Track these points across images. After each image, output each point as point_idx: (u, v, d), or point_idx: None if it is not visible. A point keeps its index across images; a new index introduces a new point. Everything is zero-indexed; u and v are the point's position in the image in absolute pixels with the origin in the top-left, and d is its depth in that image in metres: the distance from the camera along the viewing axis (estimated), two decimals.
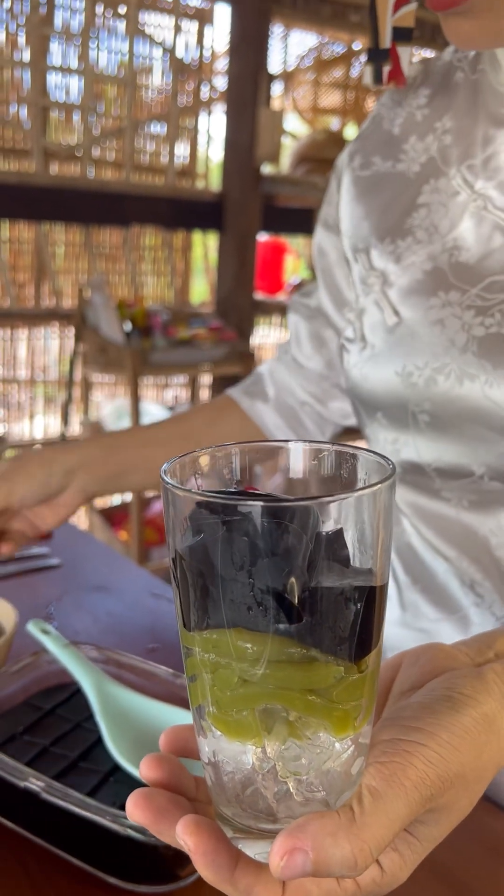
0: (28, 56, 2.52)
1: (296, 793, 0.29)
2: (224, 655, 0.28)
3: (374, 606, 0.29)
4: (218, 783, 0.30)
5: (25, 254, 2.75)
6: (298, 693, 0.28)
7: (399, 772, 0.30)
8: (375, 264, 0.64)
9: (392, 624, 0.70)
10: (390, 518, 0.29)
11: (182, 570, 0.28)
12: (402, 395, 0.60)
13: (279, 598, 0.26)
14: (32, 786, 0.49)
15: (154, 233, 2.97)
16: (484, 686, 0.33)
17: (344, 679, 0.28)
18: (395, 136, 0.66)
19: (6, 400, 2.90)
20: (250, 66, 2.79)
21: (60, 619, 0.83)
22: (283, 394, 0.83)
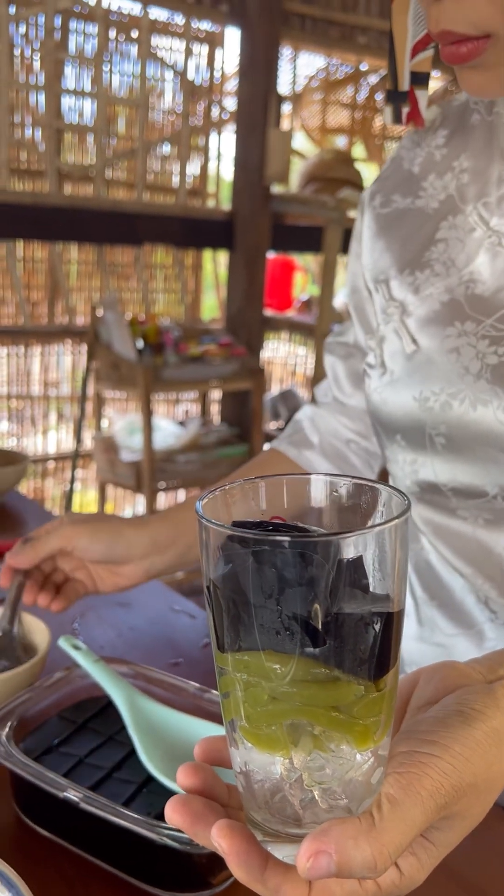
0: (43, 79, 2.58)
1: (320, 800, 0.32)
2: (255, 675, 0.31)
3: (391, 630, 0.31)
4: (249, 790, 0.33)
5: (39, 272, 2.79)
6: (323, 709, 0.31)
7: (415, 781, 0.32)
8: (395, 295, 0.67)
9: (410, 639, 0.72)
10: (405, 549, 0.32)
11: (216, 597, 0.31)
12: (420, 418, 0.64)
13: (304, 624, 0.29)
14: (71, 796, 0.51)
15: (165, 251, 3.01)
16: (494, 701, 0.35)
17: (364, 697, 0.31)
18: (414, 175, 0.70)
19: (20, 415, 2.93)
20: (260, 87, 2.84)
21: (85, 635, 0.85)
22: (327, 437, 0.85)
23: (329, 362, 0.85)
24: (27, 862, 0.53)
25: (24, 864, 0.48)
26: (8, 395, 2.88)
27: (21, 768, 0.53)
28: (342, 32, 3.10)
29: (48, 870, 0.53)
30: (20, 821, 0.57)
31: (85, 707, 0.63)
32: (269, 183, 2.89)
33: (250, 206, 2.93)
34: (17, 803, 0.57)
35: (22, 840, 0.55)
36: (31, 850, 0.54)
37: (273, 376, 3.67)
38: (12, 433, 2.94)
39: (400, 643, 0.33)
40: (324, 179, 2.94)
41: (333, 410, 0.84)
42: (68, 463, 2.99)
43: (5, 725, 0.58)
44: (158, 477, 2.63)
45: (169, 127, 2.90)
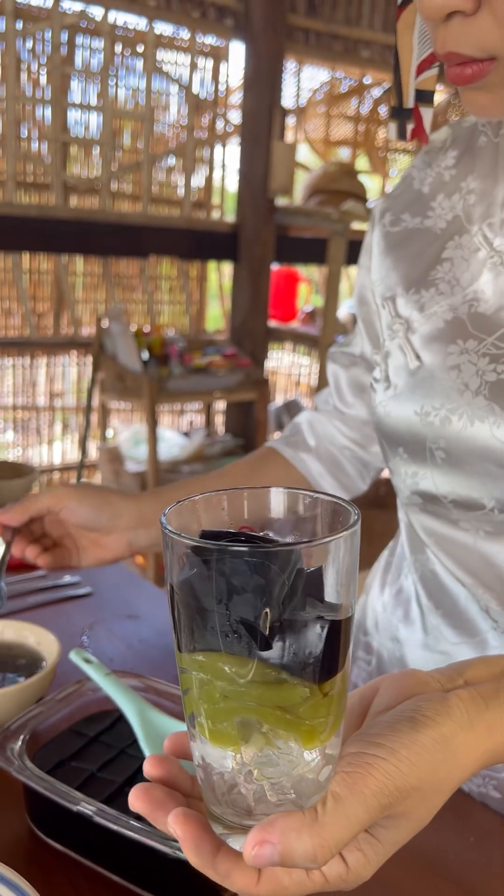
0: (49, 93, 2.60)
1: (270, 794, 0.34)
2: (208, 674, 0.33)
3: (338, 637, 0.33)
4: (207, 783, 0.35)
5: (45, 284, 2.81)
6: (270, 709, 0.33)
7: (360, 781, 0.34)
8: (401, 312, 0.68)
9: (415, 646, 0.73)
10: (355, 559, 0.34)
11: (175, 600, 0.33)
12: (421, 432, 0.65)
13: (251, 629, 0.31)
14: (85, 809, 0.51)
15: (170, 262, 3.03)
16: (445, 709, 0.37)
17: (310, 699, 0.33)
18: (423, 195, 0.71)
19: (25, 426, 2.94)
20: (264, 100, 2.86)
21: (94, 647, 0.85)
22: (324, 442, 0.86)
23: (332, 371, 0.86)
24: (40, 874, 0.53)
25: (37, 877, 0.49)
26: (14, 406, 2.89)
27: (34, 782, 0.54)
28: (346, 46, 3.13)
29: (61, 882, 0.53)
30: (33, 833, 0.57)
31: (96, 720, 0.64)
32: (274, 195, 2.91)
33: (255, 219, 2.95)
34: (30, 816, 0.58)
35: (35, 852, 0.56)
36: (44, 863, 0.55)
37: (277, 387, 3.69)
38: (18, 443, 2.95)
39: (348, 649, 0.35)
40: (327, 192, 2.96)
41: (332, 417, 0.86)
42: (73, 473, 3.00)
43: (18, 739, 0.58)
44: None
45: (174, 140, 2.93)
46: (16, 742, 0.58)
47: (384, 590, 0.82)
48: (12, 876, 0.48)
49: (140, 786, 0.36)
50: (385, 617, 0.79)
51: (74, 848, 0.55)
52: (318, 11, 2.99)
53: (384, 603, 0.81)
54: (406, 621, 0.75)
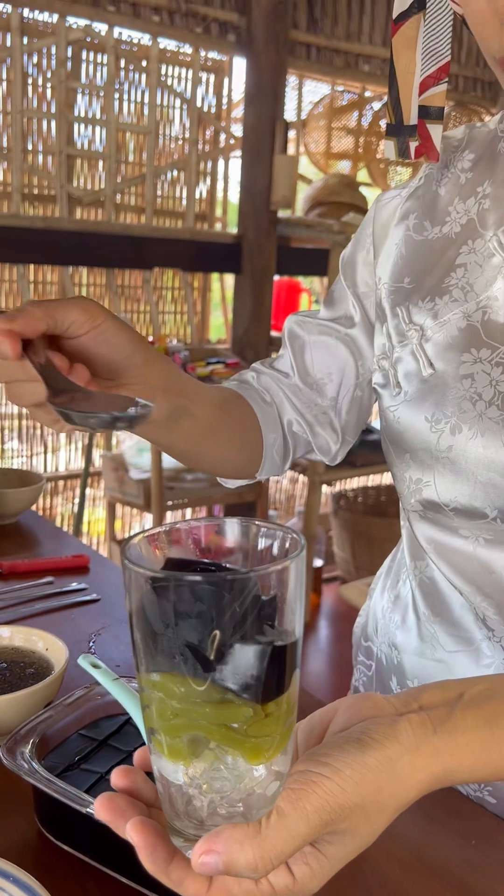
0: (54, 107, 2.63)
1: (220, 807, 0.36)
2: (161, 693, 0.35)
3: (283, 660, 0.35)
4: (165, 796, 0.37)
5: (50, 295, 2.83)
6: (216, 727, 0.34)
7: (303, 797, 0.35)
8: (414, 319, 0.69)
9: (411, 654, 0.74)
10: (300, 587, 0.36)
11: (132, 624, 0.36)
12: (429, 439, 0.66)
13: (196, 652, 0.33)
14: (93, 812, 0.53)
15: (174, 274, 3.05)
16: (393, 732, 0.38)
17: (253, 718, 0.35)
18: (441, 198, 0.71)
19: (30, 434, 2.96)
20: (265, 114, 2.89)
21: (101, 652, 0.87)
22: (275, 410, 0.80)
23: (295, 341, 0.80)
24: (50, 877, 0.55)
25: (46, 879, 0.50)
26: (19, 415, 2.91)
27: (44, 784, 0.55)
28: (346, 61, 3.16)
29: (70, 885, 0.54)
30: (42, 836, 0.58)
31: (105, 724, 0.65)
32: (276, 207, 2.93)
33: (256, 230, 2.98)
34: (40, 819, 0.59)
35: (44, 855, 0.57)
36: (54, 866, 0.56)
37: None
38: (22, 452, 2.97)
39: (294, 671, 0.36)
40: (328, 203, 2.99)
41: (284, 388, 0.79)
42: (77, 481, 3.01)
43: (28, 742, 0.59)
44: (166, 495, 2.65)
45: (177, 153, 2.96)
46: (25, 745, 0.59)
47: (384, 595, 0.83)
48: (25, 878, 0.49)
49: (104, 795, 0.38)
50: (384, 623, 0.80)
51: (83, 850, 0.56)
52: (319, 27, 3.03)
53: (383, 608, 0.81)
54: (403, 627, 0.76)
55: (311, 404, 0.79)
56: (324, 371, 0.79)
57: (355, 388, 0.79)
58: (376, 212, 0.77)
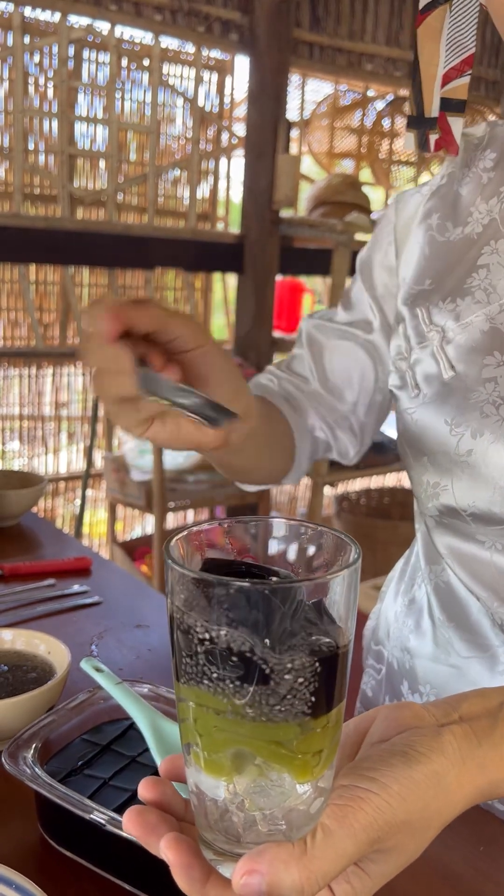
0: (56, 107, 2.63)
1: (261, 824, 0.34)
2: (203, 705, 0.33)
3: (335, 671, 0.33)
4: (200, 809, 0.35)
5: (52, 295, 2.83)
6: (264, 742, 0.33)
7: (350, 815, 0.34)
8: (435, 320, 0.68)
9: (425, 659, 0.73)
10: (355, 594, 0.34)
11: (174, 629, 0.34)
12: (448, 442, 0.65)
13: (247, 662, 0.31)
14: (97, 818, 0.52)
15: (175, 274, 3.04)
16: (438, 745, 0.37)
17: (304, 734, 0.33)
18: (462, 198, 0.70)
19: (31, 435, 2.95)
20: (268, 114, 2.88)
21: (104, 656, 0.86)
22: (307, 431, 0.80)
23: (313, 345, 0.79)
24: (51, 882, 0.54)
25: (48, 885, 0.49)
26: (20, 416, 2.90)
27: (47, 790, 0.54)
28: (349, 60, 3.15)
29: (73, 891, 0.54)
30: (45, 842, 0.58)
31: (108, 729, 0.64)
32: (278, 207, 2.93)
33: (259, 230, 2.97)
34: (42, 824, 0.58)
35: (46, 861, 0.56)
36: (56, 872, 0.55)
37: None
38: (23, 453, 2.96)
39: (345, 682, 0.35)
40: (332, 203, 2.98)
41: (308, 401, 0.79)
42: (78, 483, 3.00)
43: (30, 747, 0.59)
44: (168, 497, 2.64)
45: (179, 152, 2.95)
46: (28, 750, 0.58)
47: (397, 599, 0.82)
48: (26, 884, 0.49)
49: (133, 809, 0.36)
50: (396, 627, 0.79)
51: (86, 856, 0.55)
52: (322, 26, 3.02)
53: (396, 612, 0.80)
54: (417, 632, 0.75)
55: (331, 409, 0.79)
56: (343, 377, 0.79)
57: (374, 393, 0.79)
58: (398, 210, 0.76)
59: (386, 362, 0.78)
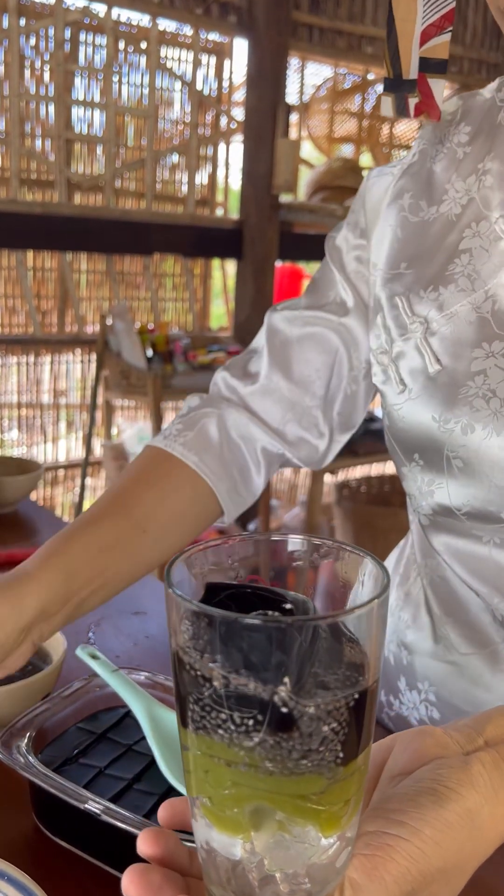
0: (53, 91, 2.59)
1: (282, 884, 0.30)
2: (216, 756, 0.29)
3: (363, 710, 0.29)
4: (209, 865, 0.31)
5: (49, 282, 2.81)
6: (287, 797, 0.29)
7: (381, 866, 0.31)
8: (417, 310, 0.63)
9: (425, 655, 0.71)
10: (383, 626, 0.30)
11: (179, 668, 0.29)
12: (438, 439, 0.61)
13: (270, 708, 0.27)
14: (92, 808, 0.51)
15: (174, 260, 3.02)
16: (469, 778, 0.34)
17: (332, 784, 0.29)
18: (436, 175, 0.66)
19: (30, 424, 2.94)
20: (267, 97, 2.85)
21: (101, 644, 0.85)
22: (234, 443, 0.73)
23: (277, 336, 0.73)
24: (46, 873, 0.53)
25: (42, 875, 0.48)
26: (18, 404, 2.89)
27: (41, 780, 0.53)
28: (349, 42, 3.12)
29: (67, 881, 0.53)
30: (39, 832, 0.57)
31: (103, 717, 0.63)
32: (278, 192, 2.90)
33: (258, 216, 2.94)
34: (37, 814, 0.57)
35: (41, 851, 0.55)
36: (50, 862, 0.54)
37: None
38: (22, 442, 2.95)
39: (373, 719, 0.31)
40: (331, 188, 2.95)
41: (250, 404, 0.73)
42: (77, 471, 2.99)
43: (24, 736, 0.57)
44: None
45: (177, 137, 2.92)
46: (22, 739, 0.57)
47: (392, 591, 0.80)
48: (18, 875, 0.47)
49: (135, 869, 0.32)
50: (392, 621, 0.77)
51: (81, 846, 0.54)
52: (321, 8, 2.98)
53: (391, 605, 0.78)
54: (414, 627, 0.72)
55: (293, 406, 0.73)
56: (311, 368, 0.73)
57: (348, 383, 0.74)
58: (366, 191, 0.71)
59: (361, 348, 0.73)
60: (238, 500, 0.74)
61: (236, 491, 0.73)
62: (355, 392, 0.74)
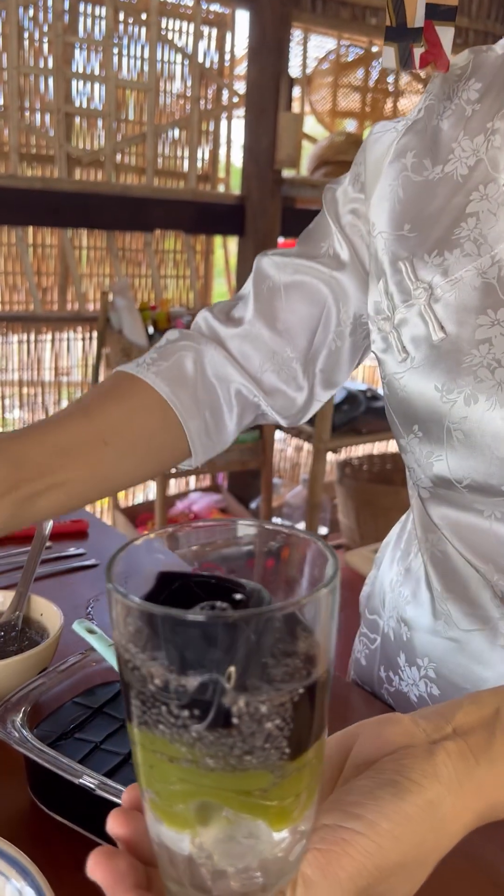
0: (52, 63, 2.55)
1: (233, 879, 0.29)
2: (160, 752, 0.28)
3: (314, 702, 0.29)
4: (163, 860, 0.31)
5: (50, 258, 2.78)
6: (233, 793, 0.28)
7: (335, 861, 0.30)
8: (421, 275, 0.61)
9: (424, 632, 0.70)
10: (334, 614, 0.29)
11: (120, 661, 0.29)
12: (440, 410, 0.60)
13: (207, 705, 0.27)
14: (87, 782, 0.50)
15: (176, 236, 2.99)
16: (432, 769, 0.33)
17: (280, 780, 0.28)
18: (443, 133, 0.63)
19: (30, 401, 2.93)
20: (270, 70, 2.80)
21: (100, 619, 0.84)
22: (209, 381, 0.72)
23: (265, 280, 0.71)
24: (42, 848, 0.53)
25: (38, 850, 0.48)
26: (20, 382, 2.88)
27: (36, 754, 0.53)
28: (353, 13, 3.06)
29: (62, 856, 0.52)
30: (35, 806, 0.56)
31: (100, 692, 0.63)
32: (280, 167, 2.86)
33: (260, 191, 2.90)
34: (32, 789, 0.57)
35: (36, 826, 0.55)
36: (46, 836, 0.54)
37: None
38: (24, 420, 2.94)
39: (326, 712, 0.30)
40: (334, 163, 2.91)
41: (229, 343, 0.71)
42: None
43: (20, 710, 0.57)
44: None
45: (178, 112, 2.88)
46: (17, 714, 0.57)
47: (392, 566, 0.79)
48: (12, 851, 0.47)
49: (102, 852, 0.32)
50: (392, 596, 0.76)
51: (77, 821, 0.54)
52: None
53: (392, 580, 0.77)
54: (414, 602, 0.72)
55: (273, 355, 0.71)
56: (296, 318, 0.71)
57: (334, 338, 0.72)
58: (368, 147, 0.69)
59: (350, 303, 0.71)
60: (207, 445, 0.72)
61: (207, 433, 0.71)
62: (339, 348, 0.73)
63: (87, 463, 0.64)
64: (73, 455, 0.63)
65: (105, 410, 0.67)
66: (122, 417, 0.67)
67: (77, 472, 0.64)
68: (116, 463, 0.66)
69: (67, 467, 0.63)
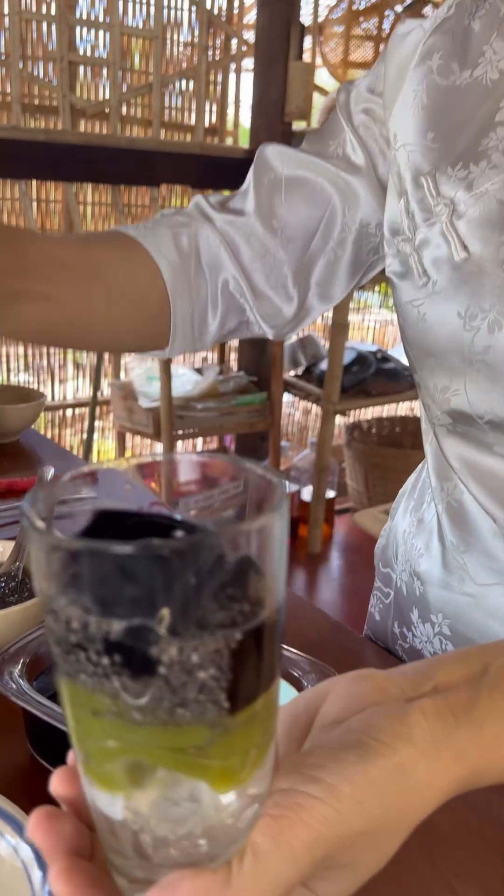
0: (54, 9, 2.47)
1: (174, 847, 0.26)
2: (85, 705, 0.25)
3: (261, 649, 0.25)
4: (102, 828, 0.28)
5: (53, 214, 2.72)
6: (167, 751, 0.25)
7: (288, 829, 0.27)
8: (443, 190, 0.57)
9: (435, 586, 0.68)
10: (283, 544, 0.26)
11: (42, 608, 0.26)
12: (461, 338, 0.56)
13: (129, 650, 0.23)
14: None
15: (182, 191, 2.92)
16: (404, 730, 0.29)
17: (220, 736, 0.25)
18: (474, 34, 0.58)
19: (37, 366, 2.89)
20: (280, 17, 2.71)
21: None
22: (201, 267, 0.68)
23: (266, 173, 0.67)
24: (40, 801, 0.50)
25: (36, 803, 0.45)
26: (25, 346, 2.84)
27: (36, 707, 0.51)
28: None
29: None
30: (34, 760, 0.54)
31: None
32: (290, 119, 2.78)
33: None
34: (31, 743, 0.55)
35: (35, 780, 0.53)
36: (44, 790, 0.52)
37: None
38: (30, 384, 2.91)
39: (276, 658, 0.27)
40: None
41: (226, 234, 0.67)
42: (87, 411, 2.96)
43: (18, 662, 0.55)
44: (176, 424, 2.59)
45: (186, 62, 2.78)
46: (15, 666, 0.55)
47: (406, 517, 0.76)
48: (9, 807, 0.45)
49: (44, 812, 0.29)
50: (405, 549, 0.73)
51: None
52: None
53: (405, 531, 0.75)
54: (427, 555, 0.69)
55: (264, 254, 0.66)
56: (296, 220, 0.66)
57: (335, 246, 0.67)
58: (391, 48, 0.63)
59: (360, 208, 0.66)
60: (188, 335, 0.68)
61: (190, 321, 0.67)
62: (339, 258, 0.68)
63: (77, 287, 0.61)
64: (66, 272, 0.60)
65: (103, 250, 0.64)
66: (119, 260, 0.64)
67: (65, 290, 0.60)
68: (102, 303, 0.63)
69: (56, 281, 0.60)
